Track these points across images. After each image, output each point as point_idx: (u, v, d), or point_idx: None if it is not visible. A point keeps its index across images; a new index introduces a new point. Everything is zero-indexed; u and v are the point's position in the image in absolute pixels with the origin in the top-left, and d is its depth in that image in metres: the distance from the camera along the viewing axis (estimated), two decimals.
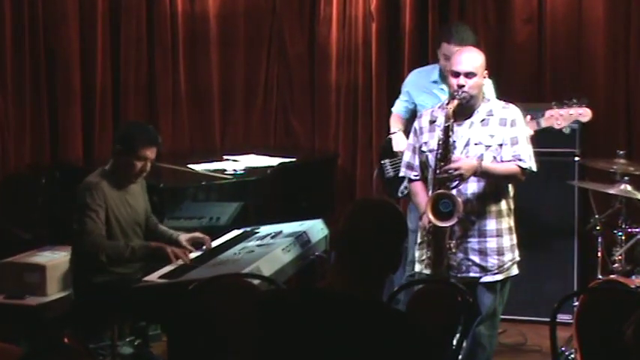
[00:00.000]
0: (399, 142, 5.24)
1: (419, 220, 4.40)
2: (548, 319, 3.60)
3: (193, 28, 6.73)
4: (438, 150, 4.19)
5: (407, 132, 5.22)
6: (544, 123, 4.81)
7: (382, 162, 5.41)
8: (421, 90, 5.23)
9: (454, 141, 4.18)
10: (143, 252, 4.50)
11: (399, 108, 5.38)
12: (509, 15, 6.26)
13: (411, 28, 6.35)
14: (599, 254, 5.23)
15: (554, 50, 6.18)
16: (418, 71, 5.40)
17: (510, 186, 4.36)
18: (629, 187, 4.98)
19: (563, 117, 4.68)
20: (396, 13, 6.46)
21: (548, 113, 4.70)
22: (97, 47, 6.30)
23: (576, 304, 4.37)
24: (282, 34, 6.81)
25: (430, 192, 4.28)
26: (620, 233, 5.09)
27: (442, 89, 5.06)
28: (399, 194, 5.22)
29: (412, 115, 5.21)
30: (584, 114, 4.71)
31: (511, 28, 6.26)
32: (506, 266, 4.32)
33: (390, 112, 5.47)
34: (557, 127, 4.71)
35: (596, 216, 5.23)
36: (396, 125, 5.33)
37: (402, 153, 5.09)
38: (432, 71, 5.24)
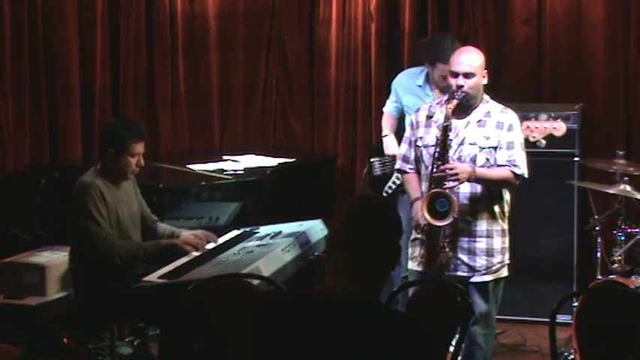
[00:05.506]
0: (390, 144, 5.41)
1: (411, 211, 4.40)
2: (547, 320, 3.60)
3: (193, 28, 6.73)
4: (435, 149, 4.19)
5: (397, 134, 5.34)
6: None
7: (371, 160, 5.49)
8: (407, 91, 5.40)
9: (450, 140, 4.19)
10: (156, 250, 4.50)
11: (389, 108, 5.56)
12: (508, 15, 6.27)
13: (410, 28, 6.36)
14: (599, 255, 5.23)
15: (553, 51, 6.18)
16: (405, 72, 5.56)
17: (505, 190, 4.36)
18: (628, 188, 4.97)
19: (538, 129, 4.73)
20: (395, 14, 6.47)
21: (524, 124, 4.73)
22: (96, 47, 6.29)
23: (576, 304, 4.37)
24: (282, 34, 6.81)
25: (423, 188, 4.28)
26: (619, 233, 5.09)
27: (427, 94, 5.25)
28: (384, 193, 5.29)
29: (402, 115, 5.35)
30: (558, 128, 4.76)
31: (510, 28, 6.26)
32: (494, 268, 4.31)
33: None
34: (531, 139, 4.77)
35: (596, 216, 5.22)
36: (387, 127, 5.51)
37: (390, 156, 5.24)
38: (418, 75, 5.37)
